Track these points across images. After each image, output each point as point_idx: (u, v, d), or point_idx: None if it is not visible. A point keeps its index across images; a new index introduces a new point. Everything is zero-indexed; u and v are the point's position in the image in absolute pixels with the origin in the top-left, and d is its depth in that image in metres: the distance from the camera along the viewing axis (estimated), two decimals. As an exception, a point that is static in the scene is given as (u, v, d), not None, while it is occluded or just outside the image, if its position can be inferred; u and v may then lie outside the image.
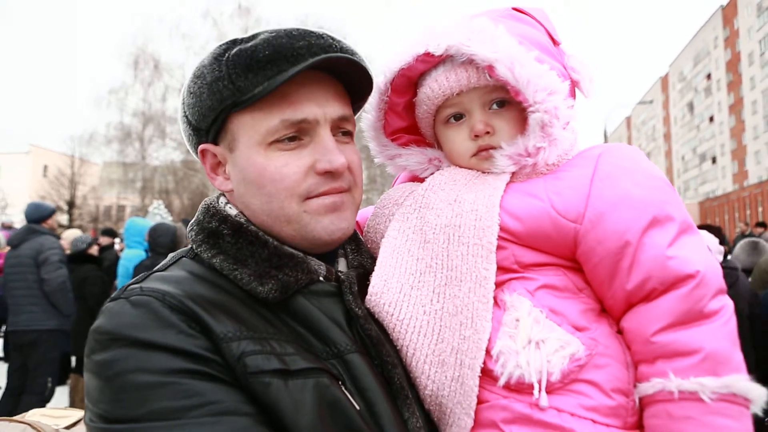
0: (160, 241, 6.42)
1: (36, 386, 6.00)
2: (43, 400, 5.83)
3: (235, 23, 30.12)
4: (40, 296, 6.08)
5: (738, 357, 1.06)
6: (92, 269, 7.63)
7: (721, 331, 1.06)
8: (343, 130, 1.19)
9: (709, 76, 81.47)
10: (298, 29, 1.12)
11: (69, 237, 8.53)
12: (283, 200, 1.12)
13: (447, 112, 1.32)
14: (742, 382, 1.02)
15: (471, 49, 1.18)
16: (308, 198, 1.12)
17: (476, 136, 1.28)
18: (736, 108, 73.41)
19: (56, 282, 6.05)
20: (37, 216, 6.45)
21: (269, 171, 1.11)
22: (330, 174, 1.13)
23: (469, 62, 1.21)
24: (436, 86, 1.27)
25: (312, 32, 1.12)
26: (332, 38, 1.14)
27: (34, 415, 1.88)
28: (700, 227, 5.10)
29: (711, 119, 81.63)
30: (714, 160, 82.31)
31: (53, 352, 6.20)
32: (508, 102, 1.27)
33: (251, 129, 1.11)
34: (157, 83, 31.29)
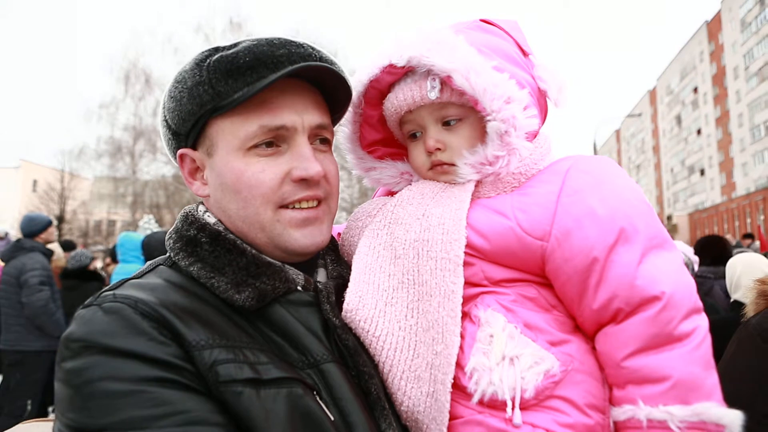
0: (157, 255, 6.24)
1: (14, 408, 5.69)
2: (20, 424, 5.51)
3: (227, 38, 30.16)
4: (25, 316, 5.85)
5: (711, 381, 1.03)
6: (98, 288, 7.40)
7: (693, 355, 1.03)
8: (321, 138, 1.20)
9: (695, 90, 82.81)
10: (279, 38, 1.13)
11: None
12: (258, 206, 1.12)
13: (406, 127, 1.34)
14: (713, 409, 1.00)
15: (430, 60, 1.18)
16: (283, 206, 1.13)
17: (429, 152, 1.28)
18: (722, 121, 74.53)
19: (36, 306, 5.79)
20: (31, 230, 6.20)
21: (246, 176, 1.10)
22: (305, 182, 1.13)
23: (426, 76, 1.23)
24: (395, 101, 1.29)
25: (292, 41, 1.14)
26: (312, 48, 1.15)
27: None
28: (700, 240, 5.23)
29: (699, 132, 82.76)
30: (702, 173, 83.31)
31: (36, 374, 5.92)
32: (462, 118, 1.27)
33: (230, 134, 1.11)
34: (149, 97, 31.18)
